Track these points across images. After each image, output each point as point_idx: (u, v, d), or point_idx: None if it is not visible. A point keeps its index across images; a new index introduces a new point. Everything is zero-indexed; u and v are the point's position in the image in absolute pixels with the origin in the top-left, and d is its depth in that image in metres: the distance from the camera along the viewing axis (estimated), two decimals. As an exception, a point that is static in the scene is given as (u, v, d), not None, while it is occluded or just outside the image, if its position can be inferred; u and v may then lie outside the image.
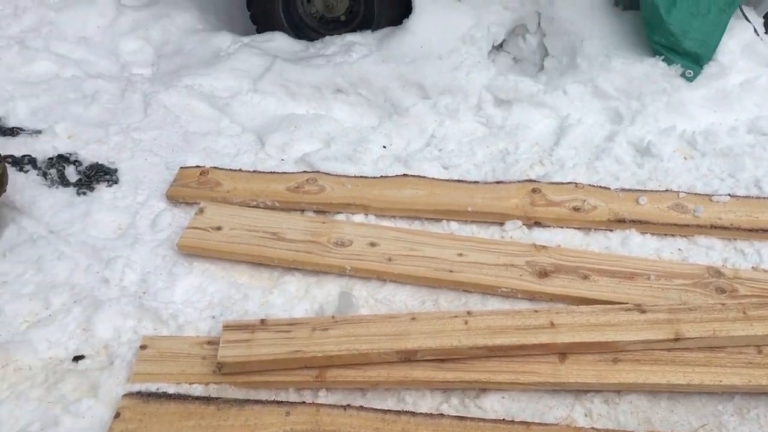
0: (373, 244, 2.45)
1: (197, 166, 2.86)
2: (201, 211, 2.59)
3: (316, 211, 2.69)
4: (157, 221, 2.61)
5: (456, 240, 2.51)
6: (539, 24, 3.47)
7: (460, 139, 3.08)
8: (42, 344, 2.10)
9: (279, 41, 3.63)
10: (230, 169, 2.85)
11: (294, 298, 2.34)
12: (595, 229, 2.58)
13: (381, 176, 2.82)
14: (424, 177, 2.80)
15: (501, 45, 3.65)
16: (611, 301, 2.21)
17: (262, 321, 2.11)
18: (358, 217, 2.66)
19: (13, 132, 2.97)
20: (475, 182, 2.79)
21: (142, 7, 3.84)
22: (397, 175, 2.82)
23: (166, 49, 3.67)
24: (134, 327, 2.18)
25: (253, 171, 2.86)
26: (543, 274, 2.32)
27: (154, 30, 3.71)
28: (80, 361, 2.06)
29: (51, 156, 2.87)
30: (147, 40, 3.69)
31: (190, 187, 2.74)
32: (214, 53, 3.58)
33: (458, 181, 2.80)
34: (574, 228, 2.59)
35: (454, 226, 2.63)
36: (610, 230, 2.57)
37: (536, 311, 2.13)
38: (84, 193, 2.71)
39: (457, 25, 3.40)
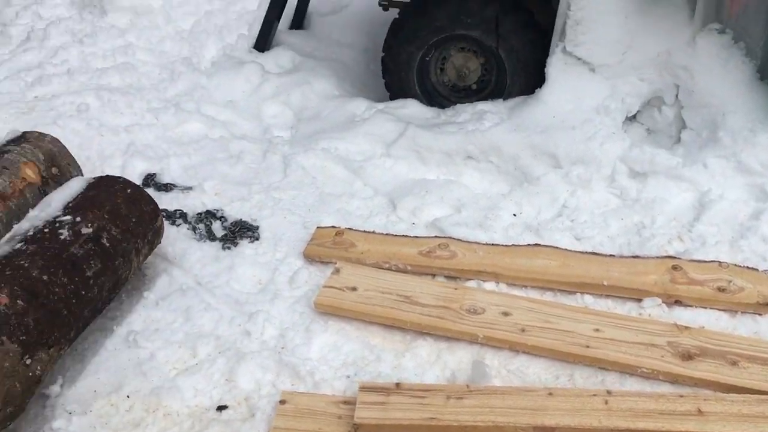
0: (505, 314, 2.44)
1: (332, 227, 2.97)
2: (337, 271, 2.67)
3: (447, 277, 2.72)
4: (295, 278, 2.72)
5: (591, 314, 2.45)
6: (677, 96, 3.41)
7: (592, 210, 3.04)
8: (189, 392, 2.21)
9: (412, 108, 3.75)
10: (364, 231, 2.94)
11: (426, 362, 2.35)
12: (742, 312, 2.45)
13: (512, 244, 2.82)
14: (557, 247, 2.77)
15: (634, 116, 3.60)
16: (764, 391, 2.08)
17: (397, 384, 2.13)
18: (490, 285, 2.66)
19: (167, 187, 3.21)
20: (611, 255, 2.73)
21: (284, 74, 4.10)
22: (528, 245, 2.81)
23: (305, 113, 3.87)
24: (273, 381, 2.26)
25: (386, 234, 2.93)
26: (687, 356, 2.22)
27: (294, 95, 3.94)
28: (224, 411, 2.15)
29: (200, 211, 3.07)
30: (287, 105, 3.91)
31: (326, 247, 2.84)
32: (349, 118, 3.75)
33: (592, 253, 2.76)
34: (719, 309, 2.47)
35: (589, 300, 2.58)
36: (759, 314, 2.44)
37: (681, 396, 2.04)
38: (228, 248, 2.87)
39: (591, 95, 3.40)
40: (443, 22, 3.58)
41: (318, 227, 2.97)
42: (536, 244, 2.80)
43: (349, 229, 2.95)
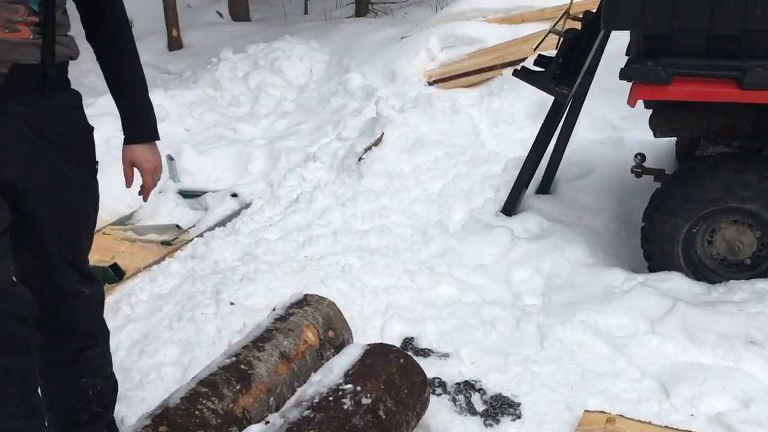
0: None
1: (602, 412, 2.75)
2: (615, 466, 2.44)
3: (746, 487, 2.37)
4: (565, 468, 2.53)
5: None
6: None
7: None
8: None
9: (676, 282, 3.50)
10: (639, 420, 2.69)
11: None
12: None
13: (826, 456, 2.42)
14: None
15: None
16: None
17: None
18: (803, 505, 2.27)
19: (425, 353, 3.22)
20: None
21: (533, 239, 4.07)
22: None
23: (556, 280, 3.77)
24: None
25: (665, 426, 2.66)
26: None
27: (544, 261, 3.87)
28: None
29: (458, 381, 3.01)
30: (537, 271, 3.85)
31: (597, 435, 2.63)
32: (606, 289, 3.58)
33: None
34: None
35: None
36: None
37: None
38: (490, 425, 2.76)
39: None
40: (715, 195, 3.38)
41: (585, 411, 2.77)
42: None
43: (621, 416, 2.72)
